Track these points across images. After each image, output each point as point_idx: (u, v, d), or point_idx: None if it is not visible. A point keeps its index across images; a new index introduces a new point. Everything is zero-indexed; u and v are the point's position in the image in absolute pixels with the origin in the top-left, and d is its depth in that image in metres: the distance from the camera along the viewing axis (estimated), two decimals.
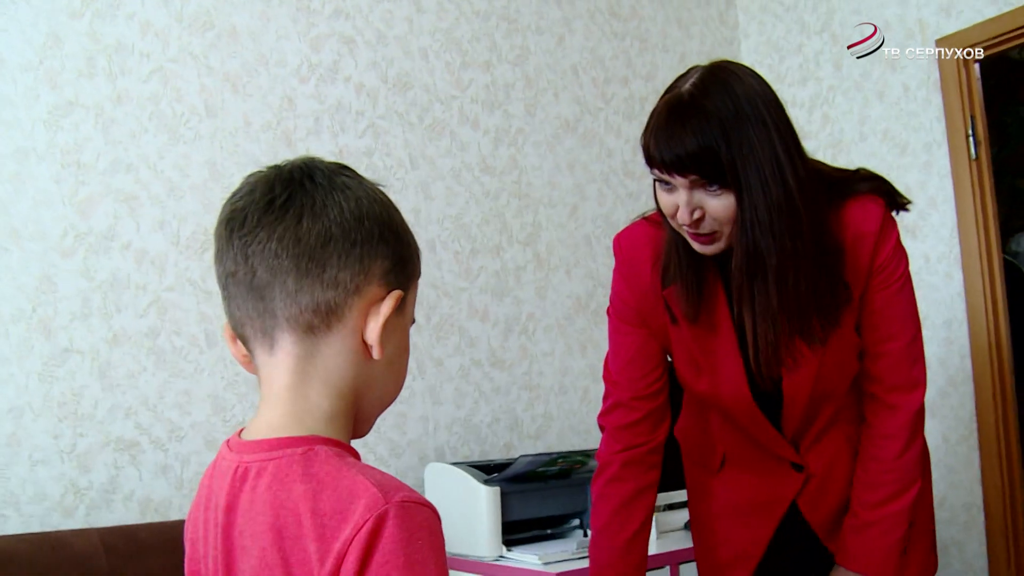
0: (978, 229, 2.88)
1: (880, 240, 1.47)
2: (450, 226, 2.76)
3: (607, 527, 1.56)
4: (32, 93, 2.11)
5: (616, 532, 1.55)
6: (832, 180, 1.50)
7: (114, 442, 2.12)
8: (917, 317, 1.53)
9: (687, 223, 1.38)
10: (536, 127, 3.00)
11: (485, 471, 2.32)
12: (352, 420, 0.92)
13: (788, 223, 1.36)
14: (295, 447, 0.85)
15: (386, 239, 0.91)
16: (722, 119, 1.33)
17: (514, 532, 2.30)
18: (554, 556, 2.17)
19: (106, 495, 2.09)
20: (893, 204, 1.53)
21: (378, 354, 0.90)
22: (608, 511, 1.56)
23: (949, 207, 2.93)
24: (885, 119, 3.12)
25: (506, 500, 2.26)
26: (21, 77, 2.10)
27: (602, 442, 1.61)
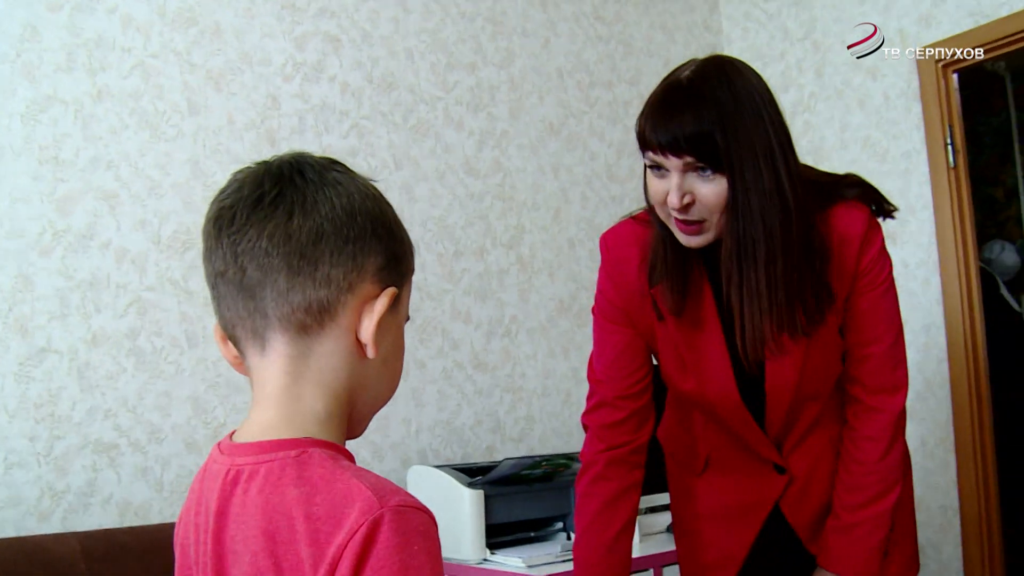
0: (956, 236, 2.91)
1: (865, 243, 1.48)
2: (434, 228, 2.75)
3: (591, 526, 1.56)
4: (8, 87, 2.08)
5: (600, 531, 1.55)
6: (820, 184, 1.51)
7: (92, 444, 2.09)
8: (900, 321, 1.55)
9: (676, 207, 1.37)
10: (520, 130, 2.99)
11: (468, 474, 2.31)
12: (346, 421, 0.90)
13: (779, 213, 1.37)
14: (288, 449, 0.83)
15: (379, 235, 0.89)
16: (720, 104, 1.34)
17: (497, 535, 2.29)
18: (539, 559, 2.17)
19: (84, 498, 2.06)
20: (880, 211, 1.54)
21: (372, 353, 0.88)
22: (592, 510, 1.56)
23: (928, 214, 2.96)
24: (866, 126, 3.15)
25: (490, 503, 2.25)
26: None
27: (586, 441, 1.61)
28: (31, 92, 2.10)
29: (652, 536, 2.52)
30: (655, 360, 1.64)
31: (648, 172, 1.42)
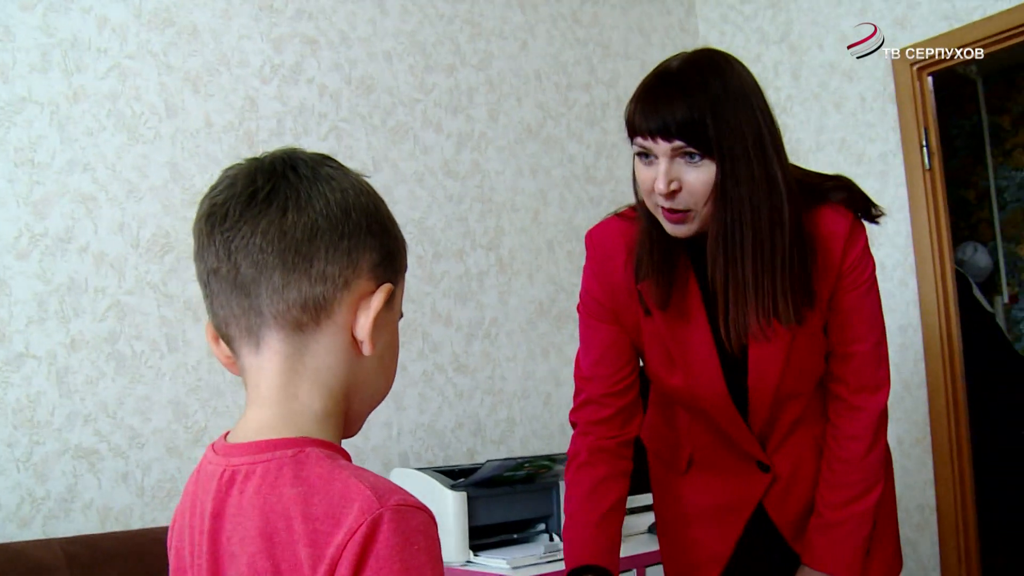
0: (931, 237, 2.94)
1: (849, 243, 1.49)
2: (413, 230, 2.74)
3: (579, 509, 1.54)
4: None
5: (589, 512, 1.52)
6: (807, 183, 1.52)
7: (72, 450, 2.06)
8: (882, 320, 1.56)
9: (663, 193, 1.37)
10: (499, 132, 2.99)
11: (450, 476, 2.30)
12: (342, 420, 0.89)
13: (768, 200, 1.37)
14: (285, 449, 0.82)
15: (374, 231, 0.89)
16: (711, 94, 1.34)
17: (481, 537, 2.29)
18: (522, 560, 2.16)
19: (64, 504, 2.03)
20: (865, 216, 1.55)
21: (369, 350, 0.87)
22: (580, 494, 1.54)
23: (904, 215, 2.99)
24: (842, 128, 3.17)
25: (473, 505, 2.24)
26: None
27: (573, 437, 1.60)
28: (5, 93, 2.07)
29: (634, 536, 2.52)
30: (640, 358, 1.64)
31: (636, 160, 1.43)
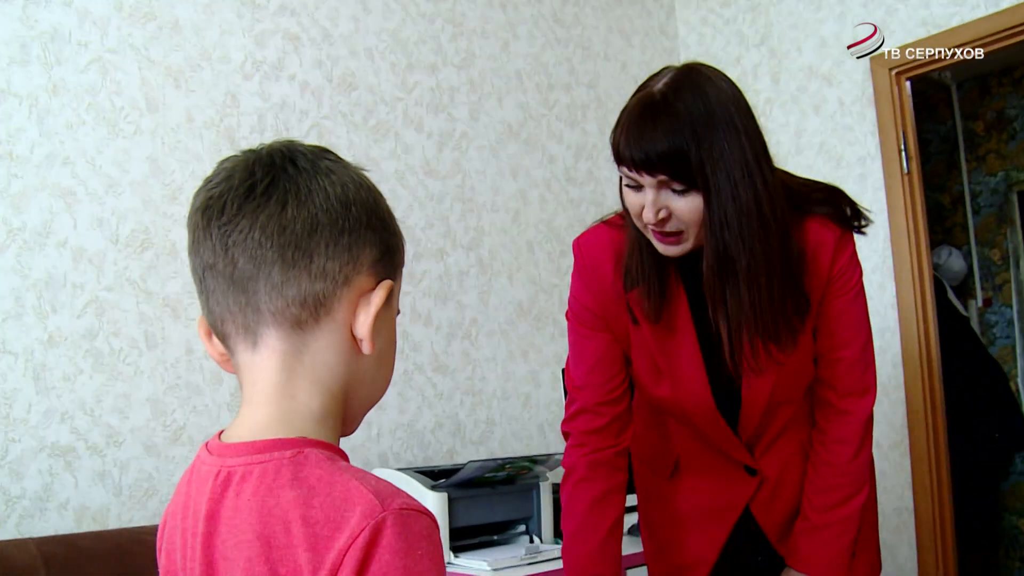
0: (909, 241, 2.97)
1: (838, 249, 1.50)
2: None
3: (581, 528, 1.54)
4: None
5: (590, 533, 1.53)
6: (795, 193, 1.51)
7: (48, 448, 2.02)
8: (869, 325, 1.57)
9: (652, 222, 1.37)
10: (480, 131, 2.98)
11: (431, 477, 2.29)
12: (340, 420, 0.87)
13: (757, 227, 1.37)
14: (283, 449, 0.80)
15: (373, 226, 0.86)
16: (693, 120, 1.33)
17: (461, 538, 2.27)
18: (503, 562, 2.15)
19: (40, 503, 1.99)
20: (849, 228, 1.54)
21: (369, 348, 0.85)
22: (580, 512, 1.54)
23: (882, 219, 3.01)
24: (821, 132, 3.19)
25: (453, 506, 2.23)
26: None
27: (567, 448, 1.59)
28: None
29: None
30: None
31: (623, 186, 1.42)
